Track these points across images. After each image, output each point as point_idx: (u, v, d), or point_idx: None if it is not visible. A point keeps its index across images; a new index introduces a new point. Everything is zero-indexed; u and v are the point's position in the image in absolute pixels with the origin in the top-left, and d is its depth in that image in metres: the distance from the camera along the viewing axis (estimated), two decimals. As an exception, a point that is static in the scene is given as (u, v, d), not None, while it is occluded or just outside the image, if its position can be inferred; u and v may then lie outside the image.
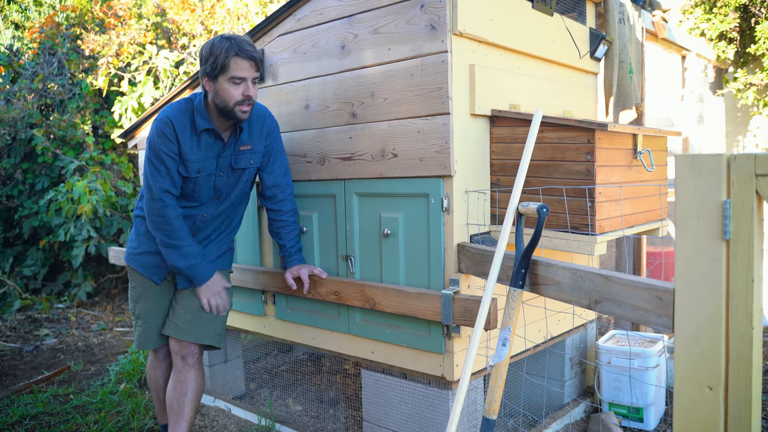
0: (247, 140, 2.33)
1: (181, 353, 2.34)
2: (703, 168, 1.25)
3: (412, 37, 2.14)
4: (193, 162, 2.23)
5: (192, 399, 2.34)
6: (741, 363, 1.23)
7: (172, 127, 2.18)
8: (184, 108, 2.23)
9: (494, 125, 2.27)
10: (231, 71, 2.12)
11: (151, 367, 2.54)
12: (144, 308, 2.40)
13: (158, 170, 2.19)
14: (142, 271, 2.38)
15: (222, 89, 2.15)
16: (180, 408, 2.32)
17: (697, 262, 1.28)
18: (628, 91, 3.08)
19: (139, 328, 2.42)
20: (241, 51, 2.11)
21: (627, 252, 3.45)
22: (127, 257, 2.44)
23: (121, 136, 3.62)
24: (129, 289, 2.45)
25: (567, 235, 2.07)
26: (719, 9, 5.01)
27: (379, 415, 2.43)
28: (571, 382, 2.86)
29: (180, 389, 2.32)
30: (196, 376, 2.35)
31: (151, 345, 2.43)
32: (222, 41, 2.13)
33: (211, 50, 2.13)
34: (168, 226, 2.21)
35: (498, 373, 1.81)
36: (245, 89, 2.16)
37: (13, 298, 5.47)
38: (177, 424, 2.32)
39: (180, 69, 5.53)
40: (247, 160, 2.35)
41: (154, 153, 2.19)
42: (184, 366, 2.34)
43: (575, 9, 2.86)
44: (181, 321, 2.33)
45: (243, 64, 2.13)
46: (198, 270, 2.27)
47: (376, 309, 2.29)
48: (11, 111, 5.32)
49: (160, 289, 2.40)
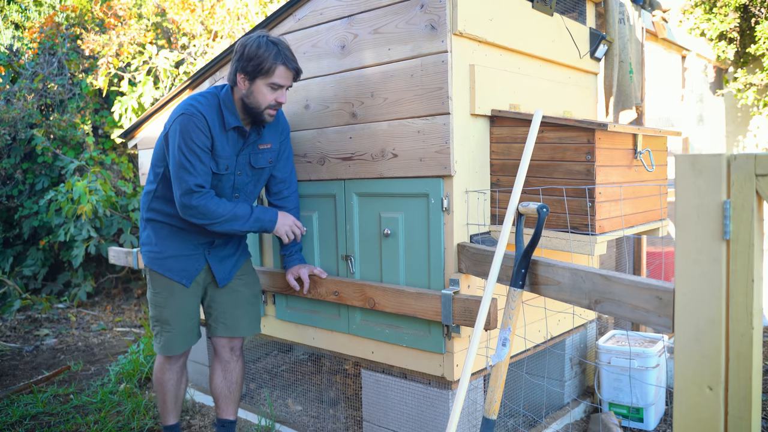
0: (267, 139, 2.34)
1: (230, 345, 2.48)
2: (703, 168, 1.25)
3: (412, 37, 2.14)
4: (223, 159, 2.22)
5: (240, 383, 2.52)
6: (741, 363, 1.23)
7: (206, 122, 2.15)
8: (210, 102, 2.20)
9: (494, 125, 2.27)
10: (273, 77, 2.14)
11: (161, 370, 2.48)
12: (172, 313, 2.35)
13: (193, 165, 2.14)
14: (170, 276, 2.32)
15: (258, 91, 2.15)
16: (231, 393, 2.49)
17: (697, 262, 1.27)
18: (628, 91, 3.08)
19: (166, 333, 2.36)
20: (287, 60, 2.14)
21: (627, 252, 3.45)
22: (149, 261, 2.35)
23: (121, 136, 3.62)
24: (150, 295, 2.38)
25: (567, 235, 2.07)
26: (719, 9, 5.01)
27: (379, 415, 2.43)
28: (571, 382, 2.86)
29: (230, 378, 2.48)
30: (242, 363, 2.52)
31: (178, 350, 2.39)
32: (270, 46, 2.12)
33: (257, 51, 2.11)
34: (209, 211, 2.17)
35: (498, 373, 1.81)
36: (279, 96, 2.18)
37: (13, 298, 5.47)
38: (228, 407, 2.50)
39: (180, 69, 5.53)
40: (267, 160, 2.36)
41: (188, 148, 2.13)
42: (231, 357, 2.48)
43: (575, 9, 2.86)
44: (229, 320, 2.43)
45: (286, 73, 2.16)
46: (263, 219, 2.29)
47: (376, 309, 2.29)
48: (11, 111, 5.32)
49: (189, 292, 2.37)
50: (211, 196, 2.19)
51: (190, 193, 2.15)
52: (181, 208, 2.18)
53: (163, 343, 2.39)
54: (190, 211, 2.17)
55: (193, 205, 2.16)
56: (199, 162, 2.15)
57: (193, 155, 2.13)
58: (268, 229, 2.32)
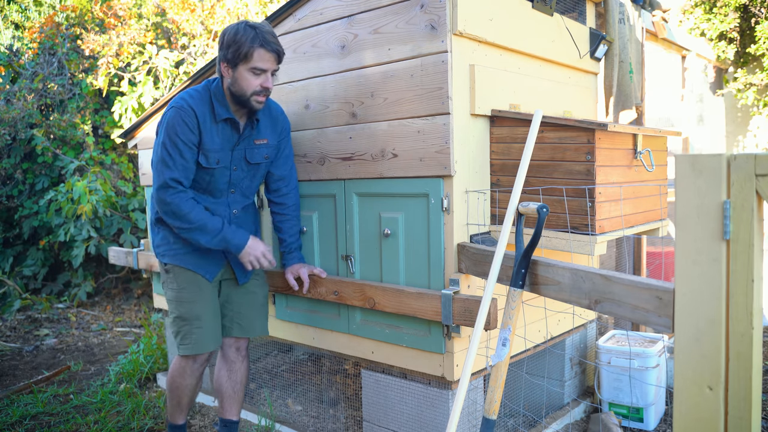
0: (264, 134, 2.32)
1: (236, 345, 2.46)
2: (703, 168, 1.25)
3: (412, 37, 2.14)
4: (214, 152, 2.19)
5: (244, 384, 2.50)
6: (741, 363, 1.23)
7: (195, 116, 2.13)
8: (202, 95, 2.18)
9: (494, 125, 2.27)
10: (253, 61, 2.10)
11: (182, 374, 2.38)
12: (204, 307, 2.29)
13: (173, 159, 2.11)
14: (196, 269, 2.28)
15: (241, 78, 2.13)
16: (235, 393, 2.47)
17: (697, 262, 1.27)
18: (628, 91, 3.08)
19: (197, 330, 2.28)
20: (265, 42, 2.09)
21: (627, 252, 3.45)
22: (171, 258, 2.29)
23: (121, 136, 3.62)
24: (174, 293, 2.30)
25: (567, 235, 2.07)
26: (719, 9, 5.01)
27: (379, 415, 2.43)
28: (571, 382, 2.86)
29: (235, 378, 2.46)
30: (247, 363, 2.51)
31: (210, 346, 2.32)
32: (247, 30, 2.09)
33: (235, 37, 2.09)
34: (181, 211, 2.13)
35: (498, 373, 1.81)
36: (264, 80, 2.14)
37: (13, 298, 5.47)
38: (232, 407, 2.48)
39: (180, 69, 5.53)
40: (263, 155, 2.33)
41: (171, 142, 2.11)
42: (237, 357, 2.46)
43: (575, 9, 2.86)
44: (245, 321, 2.42)
45: (266, 56, 2.11)
46: (232, 240, 2.20)
47: (376, 309, 2.29)
48: (11, 111, 5.32)
49: (212, 288, 2.34)
50: (186, 197, 2.15)
51: (165, 188, 2.12)
52: (156, 203, 2.16)
53: (194, 342, 2.29)
54: (164, 207, 2.14)
55: (167, 201, 2.13)
56: (179, 156, 2.12)
57: (174, 149, 2.11)
58: (233, 252, 2.25)
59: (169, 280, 2.33)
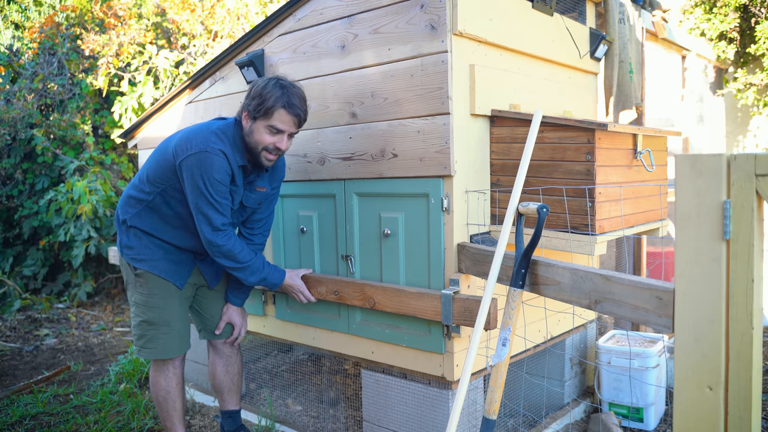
0: (265, 182, 2.36)
1: (230, 341, 2.55)
2: (703, 168, 1.25)
3: (412, 37, 2.14)
4: (237, 195, 2.25)
5: (241, 374, 2.61)
6: (741, 363, 1.23)
7: (228, 161, 2.14)
8: (229, 139, 2.17)
9: (494, 125, 2.27)
10: (272, 120, 2.12)
11: (162, 377, 2.37)
12: (172, 313, 2.31)
13: (220, 204, 2.14)
14: (165, 276, 2.28)
15: (257, 131, 2.14)
16: (233, 384, 2.56)
17: (697, 262, 1.28)
18: (628, 91, 3.08)
19: (164, 335, 2.30)
20: (289, 105, 2.11)
21: (627, 252, 3.45)
22: (140, 263, 2.28)
23: (121, 136, 3.62)
24: (143, 297, 2.29)
25: (567, 235, 2.07)
26: (719, 9, 5.01)
27: (379, 415, 2.43)
28: (571, 382, 2.86)
29: (231, 370, 2.56)
30: (240, 355, 2.60)
31: (178, 351, 2.34)
32: (276, 88, 2.10)
33: (261, 91, 2.11)
34: (231, 253, 2.21)
35: (498, 373, 1.81)
36: (279, 140, 2.15)
37: (13, 298, 5.47)
38: (232, 398, 2.57)
39: (180, 69, 5.53)
40: (257, 201, 2.36)
41: (216, 190, 2.12)
42: (232, 351, 2.56)
43: (575, 9, 2.86)
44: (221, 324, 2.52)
45: (286, 118, 2.13)
46: (270, 278, 2.35)
47: (376, 309, 2.29)
48: (11, 111, 5.32)
49: (181, 294, 2.35)
50: (234, 238, 2.23)
51: (217, 231, 2.18)
52: (206, 244, 2.21)
53: (160, 347, 2.30)
54: (214, 248, 2.21)
55: (219, 243, 2.19)
56: (224, 200, 2.16)
57: (219, 194, 2.14)
58: (269, 289, 2.45)
59: (138, 284, 2.31)
